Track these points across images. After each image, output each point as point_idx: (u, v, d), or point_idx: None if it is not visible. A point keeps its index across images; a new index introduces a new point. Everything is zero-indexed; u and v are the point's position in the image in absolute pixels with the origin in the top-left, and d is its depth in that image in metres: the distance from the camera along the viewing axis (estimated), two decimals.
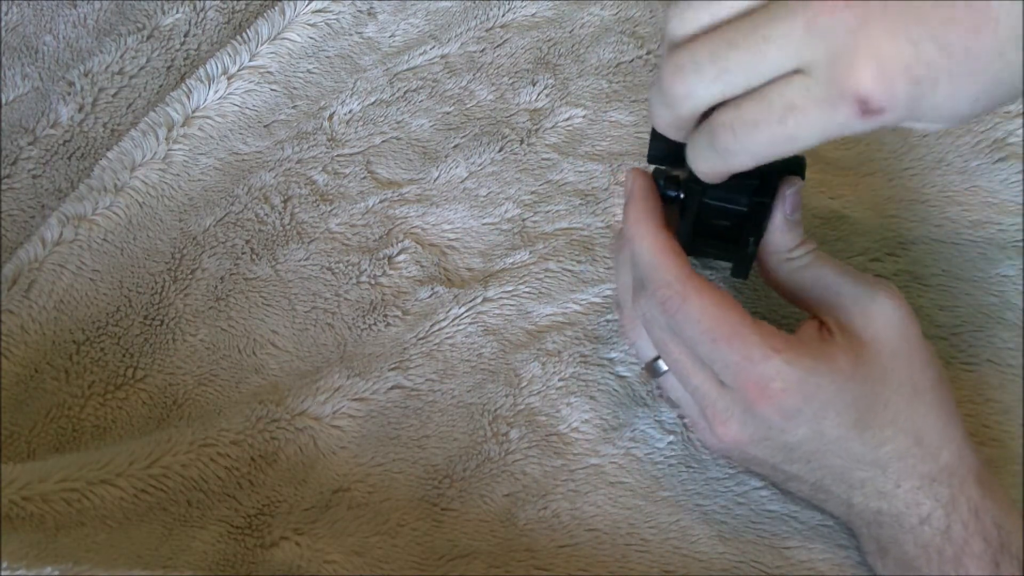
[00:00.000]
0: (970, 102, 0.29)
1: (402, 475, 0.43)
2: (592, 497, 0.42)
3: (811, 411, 0.35)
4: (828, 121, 0.29)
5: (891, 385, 0.35)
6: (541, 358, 0.45)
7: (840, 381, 0.35)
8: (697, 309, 0.35)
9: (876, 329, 0.36)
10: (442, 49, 0.56)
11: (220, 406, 0.45)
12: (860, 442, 0.35)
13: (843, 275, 0.37)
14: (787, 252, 0.38)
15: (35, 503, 0.39)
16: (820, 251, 0.39)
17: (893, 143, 0.50)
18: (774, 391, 0.34)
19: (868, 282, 0.37)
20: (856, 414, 0.35)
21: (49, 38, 0.58)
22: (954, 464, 0.35)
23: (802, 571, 0.39)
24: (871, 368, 0.35)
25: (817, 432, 0.35)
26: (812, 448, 0.36)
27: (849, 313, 0.36)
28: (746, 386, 0.35)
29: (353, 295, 0.48)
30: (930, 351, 0.37)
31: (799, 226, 0.38)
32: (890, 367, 0.35)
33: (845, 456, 0.36)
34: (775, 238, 0.38)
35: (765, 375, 0.34)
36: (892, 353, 0.36)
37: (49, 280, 0.48)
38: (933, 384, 0.36)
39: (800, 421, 0.35)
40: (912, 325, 0.36)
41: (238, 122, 0.54)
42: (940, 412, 0.36)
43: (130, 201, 0.50)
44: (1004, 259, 0.45)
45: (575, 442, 0.43)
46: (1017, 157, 0.48)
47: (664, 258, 0.36)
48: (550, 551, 0.40)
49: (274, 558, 0.40)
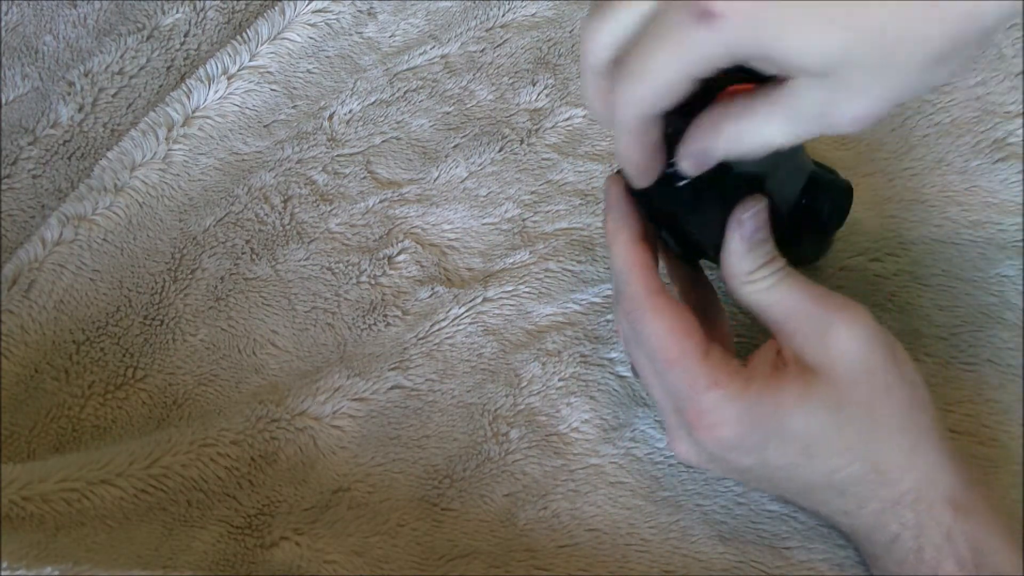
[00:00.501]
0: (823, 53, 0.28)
1: (402, 475, 0.43)
2: (592, 497, 0.42)
3: (751, 444, 0.35)
4: (680, 40, 0.29)
5: (844, 415, 0.35)
6: (541, 358, 0.45)
7: (781, 415, 0.35)
8: (653, 328, 0.36)
9: (832, 359, 0.35)
10: (442, 49, 0.56)
11: (220, 406, 0.45)
12: (809, 469, 0.35)
13: (805, 300, 0.36)
14: (746, 275, 0.36)
15: (35, 503, 0.39)
16: (788, 271, 0.37)
17: (893, 143, 0.50)
18: (711, 424, 0.35)
19: (830, 308, 0.35)
20: (801, 445, 0.35)
21: (49, 38, 0.58)
22: (921, 488, 0.35)
23: (802, 571, 0.39)
24: (822, 399, 0.35)
25: (762, 460, 0.36)
26: (762, 474, 0.36)
27: (807, 341, 0.36)
28: (688, 413, 0.36)
29: (353, 295, 0.48)
30: (897, 375, 0.35)
31: (762, 247, 0.36)
32: (844, 397, 0.35)
33: (798, 481, 0.36)
34: (732, 261, 0.37)
35: (703, 407, 0.35)
36: (848, 384, 0.35)
37: (49, 280, 0.48)
38: (897, 411, 0.35)
39: (741, 452, 0.35)
40: (875, 352, 0.35)
41: (238, 122, 0.54)
42: (904, 439, 0.35)
43: (130, 201, 0.50)
44: (1004, 259, 0.45)
45: (575, 442, 0.43)
46: (1017, 157, 0.48)
47: (633, 272, 0.37)
48: (550, 551, 0.40)
49: (274, 558, 0.40)
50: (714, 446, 0.35)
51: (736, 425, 0.35)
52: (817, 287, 0.37)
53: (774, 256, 0.37)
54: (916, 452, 0.35)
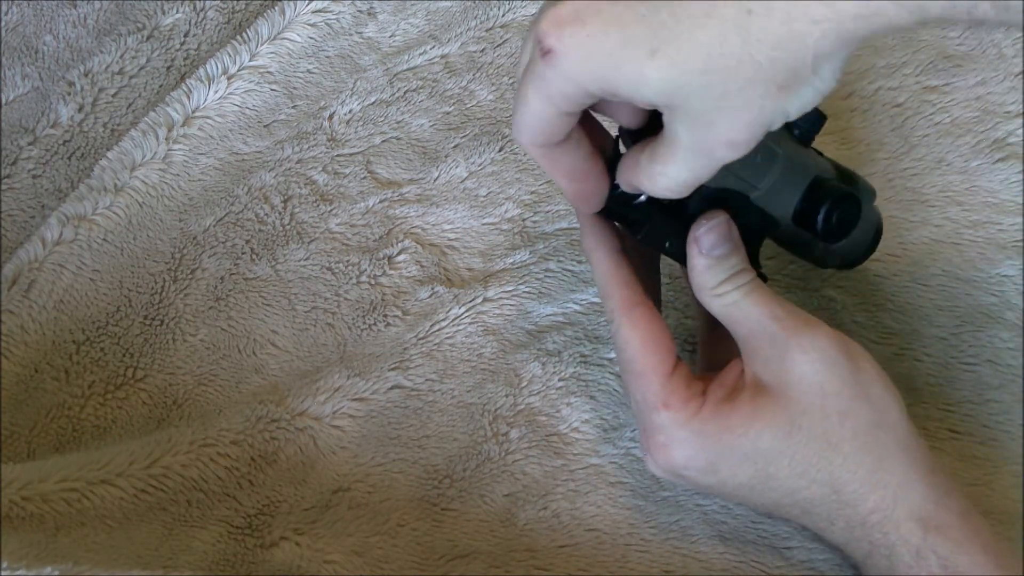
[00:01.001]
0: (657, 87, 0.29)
1: (402, 475, 0.43)
2: (592, 497, 0.42)
3: (701, 465, 0.36)
4: (534, 78, 0.31)
5: (798, 439, 0.35)
6: (541, 358, 0.45)
7: (730, 439, 0.35)
8: (624, 340, 0.37)
9: (788, 383, 0.35)
10: (442, 49, 0.56)
11: (220, 406, 0.45)
12: (768, 490, 0.36)
13: (768, 320, 0.36)
14: (710, 290, 0.37)
15: (35, 503, 0.39)
16: (755, 285, 0.37)
17: (893, 143, 0.50)
18: (660, 444, 0.36)
19: (790, 330, 0.35)
20: (753, 468, 0.35)
21: (49, 38, 0.58)
22: (886, 508, 0.34)
23: (802, 571, 0.39)
24: (773, 423, 0.35)
25: (719, 481, 0.36)
26: (725, 492, 0.37)
27: (766, 363, 0.36)
28: (644, 431, 0.37)
29: (353, 295, 0.48)
30: (856, 397, 0.35)
31: (724, 262, 0.36)
32: (798, 422, 0.35)
33: (761, 499, 0.36)
34: (694, 276, 0.37)
35: (654, 426, 0.36)
36: (803, 408, 0.35)
37: (49, 280, 0.48)
38: (855, 434, 0.35)
39: (695, 472, 0.36)
40: (832, 377, 0.35)
41: (238, 122, 0.54)
42: (864, 460, 0.35)
43: (130, 201, 0.50)
44: (1004, 259, 0.45)
45: (575, 442, 0.43)
46: (1017, 157, 0.48)
47: (610, 285, 0.38)
48: (550, 551, 0.40)
49: (274, 558, 0.40)
50: (665, 465, 0.36)
51: (685, 447, 0.36)
52: (784, 305, 0.36)
53: (739, 270, 0.36)
54: (879, 472, 0.35)
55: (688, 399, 0.36)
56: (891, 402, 0.36)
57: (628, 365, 0.37)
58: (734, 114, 0.29)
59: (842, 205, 0.38)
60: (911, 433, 0.36)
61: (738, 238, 0.37)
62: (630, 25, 0.28)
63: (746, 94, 0.29)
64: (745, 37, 0.27)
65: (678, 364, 0.37)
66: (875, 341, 0.44)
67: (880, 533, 0.35)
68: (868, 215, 0.40)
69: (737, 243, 0.37)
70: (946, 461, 0.41)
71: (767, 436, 0.35)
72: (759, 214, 0.38)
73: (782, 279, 0.46)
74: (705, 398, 0.36)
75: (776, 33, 0.27)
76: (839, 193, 0.38)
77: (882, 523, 0.35)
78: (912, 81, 0.51)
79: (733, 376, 0.37)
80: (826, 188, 0.38)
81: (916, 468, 0.35)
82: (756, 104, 0.29)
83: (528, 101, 0.31)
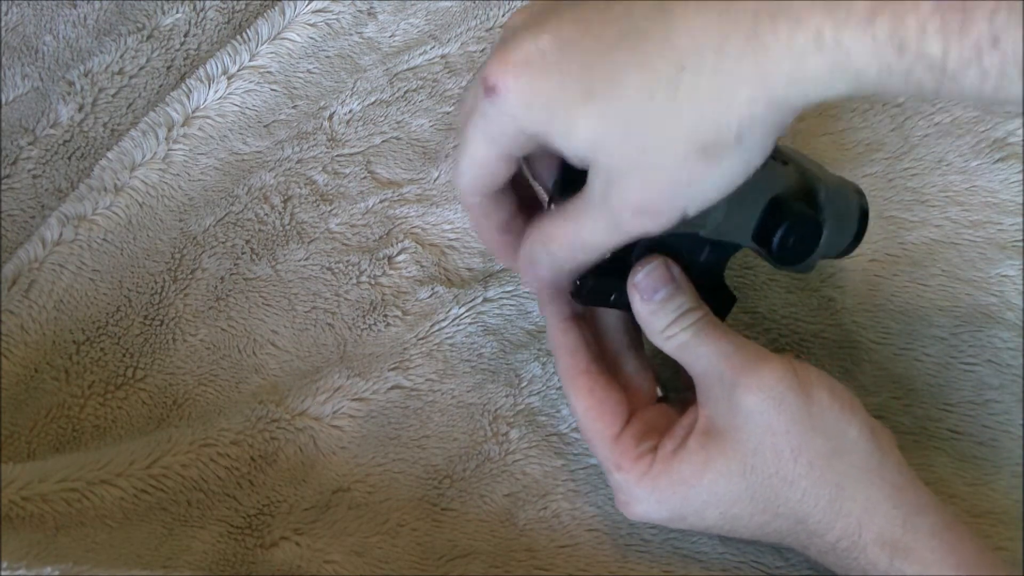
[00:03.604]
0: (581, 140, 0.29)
1: (402, 475, 0.43)
2: (592, 497, 0.42)
3: (666, 516, 0.37)
4: (477, 116, 0.31)
5: (755, 480, 0.35)
6: (541, 358, 0.45)
7: (685, 490, 0.36)
8: (576, 407, 0.38)
9: (737, 424, 0.35)
10: (442, 49, 0.56)
11: (220, 406, 0.45)
12: (737, 528, 0.36)
13: (717, 359, 0.35)
14: (659, 333, 0.37)
15: (35, 503, 0.39)
16: (706, 323, 0.36)
17: (893, 143, 0.50)
18: (623, 502, 0.37)
19: (737, 369, 0.35)
20: (716, 512, 0.36)
21: (49, 38, 0.58)
22: (851, 535, 0.34)
23: (802, 571, 0.39)
24: (725, 468, 0.35)
25: (690, 526, 0.37)
26: (704, 529, 0.37)
27: (717, 405, 0.36)
28: (611, 486, 0.38)
29: (353, 295, 0.48)
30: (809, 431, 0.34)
31: (668, 304, 0.36)
32: (751, 463, 0.35)
33: (736, 534, 0.37)
34: (641, 321, 0.37)
35: (615, 484, 0.38)
36: (753, 449, 0.35)
37: (49, 280, 0.48)
38: (813, 466, 0.34)
39: (666, 521, 0.37)
40: (780, 415, 0.34)
41: (238, 122, 0.54)
42: (822, 493, 0.34)
43: (130, 201, 0.50)
44: (1004, 259, 0.45)
45: (575, 442, 0.43)
46: (1017, 157, 0.48)
47: (558, 352, 0.39)
48: (550, 551, 0.40)
49: (274, 558, 0.40)
50: (634, 519, 0.38)
51: (644, 503, 0.37)
52: (735, 341, 0.36)
53: (686, 310, 0.36)
54: (840, 500, 0.34)
55: (638, 458, 0.36)
56: (847, 427, 0.35)
57: (581, 431, 0.39)
58: (650, 175, 0.29)
59: (800, 228, 0.37)
60: (872, 454, 0.35)
61: (681, 276, 0.37)
62: (570, 73, 0.29)
63: (665, 153, 0.28)
64: (672, 93, 0.27)
65: (627, 424, 0.37)
66: (875, 341, 0.44)
67: (851, 559, 0.35)
68: (844, 211, 0.39)
69: (680, 282, 0.37)
70: (946, 461, 0.41)
71: (722, 482, 0.35)
72: (714, 245, 0.37)
73: (782, 279, 0.46)
74: (656, 454, 0.36)
75: (704, 90, 0.27)
76: (796, 217, 0.37)
77: (849, 549, 0.34)
78: None
79: (688, 422, 0.37)
80: (783, 210, 0.36)
81: (880, 489, 0.35)
82: (674, 166, 0.29)
83: (470, 142, 0.32)
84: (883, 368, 0.44)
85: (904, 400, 0.43)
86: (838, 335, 0.45)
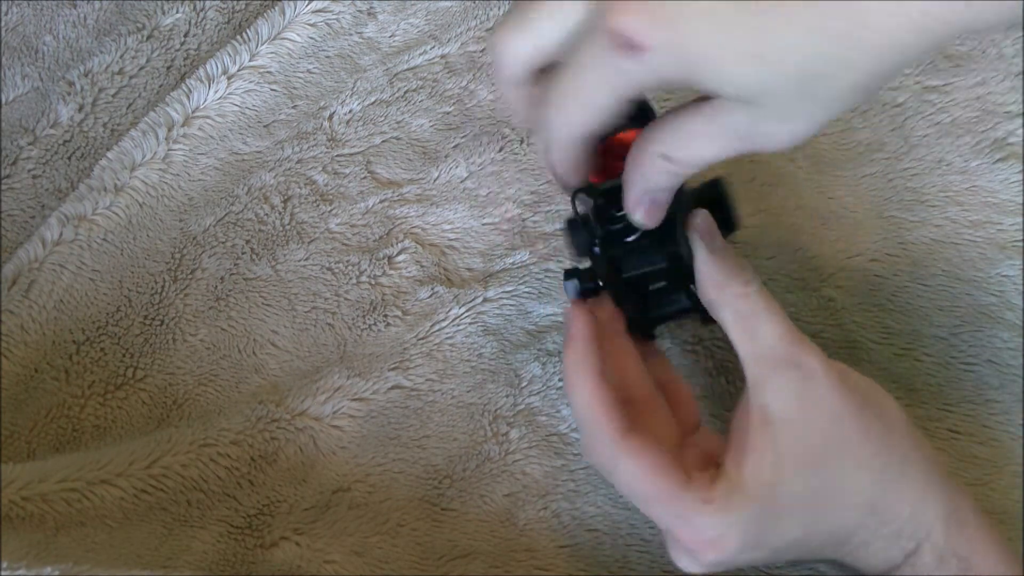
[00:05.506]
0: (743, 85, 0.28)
1: (402, 475, 0.43)
2: (592, 497, 0.42)
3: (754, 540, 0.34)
4: (605, 69, 0.29)
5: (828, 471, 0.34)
6: (541, 358, 0.45)
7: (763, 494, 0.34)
8: (628, 474, 0.35)
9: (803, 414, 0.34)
10: (442, 49, 0.56)
11: (220, 406, 0.45)
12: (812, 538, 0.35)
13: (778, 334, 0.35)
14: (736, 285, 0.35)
15: (35, 503, 0.39)
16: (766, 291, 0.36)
17: (893, 143, 0.50)
18: (711, 540, 0.34)
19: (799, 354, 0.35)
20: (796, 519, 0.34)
21: (49, 38, 0.58)
22: (918, 514, 0.34)
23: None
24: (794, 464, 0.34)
25: (771, 550, 0.35)
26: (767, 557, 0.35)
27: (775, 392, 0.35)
28: (686, 541, 0.34)
29: (353, 295, 0.48)
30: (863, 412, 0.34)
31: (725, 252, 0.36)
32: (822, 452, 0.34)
33: (805, 551, 0.36)
34: (710, 271, 0.36)
35: (700, 528, 0.34)
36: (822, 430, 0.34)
37: (49, 280, 0.48)
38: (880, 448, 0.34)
39: (749, 551, 0.34)
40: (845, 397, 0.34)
41: (238, 122, 0.54)
42: (888, 472, 0.34)
43: (130, 201, 0.50)
44: (1004, 259, 0.45)
45: (575, 442, 0.43)
46: (1017, 157, 0.48)
47: (597, 416, 0.35)
48: (550, 551, 0.40)
49: (274, 558, 0.40)
50: (721, 558, 0.34)
51: (735, 531, 0.34)
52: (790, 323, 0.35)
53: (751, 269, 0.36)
54: (904, 479, 0.35)
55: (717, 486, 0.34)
56: (894, 408, 0.36)
57: (643, 495, 0.35)
58: (805, 114, 0.29)
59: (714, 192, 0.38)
60: (920, 435, 0.36)
61: None
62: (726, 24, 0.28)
63: (823, 98, 0.29)
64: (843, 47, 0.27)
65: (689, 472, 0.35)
66: (875, 341, 0.44)
67: (913, 541, 0.34)
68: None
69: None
70: (946, 461, 0.41)
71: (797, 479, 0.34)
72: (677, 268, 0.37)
73: (782, 279, 0.46)
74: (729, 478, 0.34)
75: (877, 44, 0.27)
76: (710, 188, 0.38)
77: (916, 530, 0.34)
78: (912, 81, 0.51)
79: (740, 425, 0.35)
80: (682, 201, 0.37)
81: (934, 468, 0.35)
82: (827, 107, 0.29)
83: (591, 93, 0.30)
84: (883, 368, 0.44)
85: (904, 400, 0.43)
86: (838, 335, 0.45)
